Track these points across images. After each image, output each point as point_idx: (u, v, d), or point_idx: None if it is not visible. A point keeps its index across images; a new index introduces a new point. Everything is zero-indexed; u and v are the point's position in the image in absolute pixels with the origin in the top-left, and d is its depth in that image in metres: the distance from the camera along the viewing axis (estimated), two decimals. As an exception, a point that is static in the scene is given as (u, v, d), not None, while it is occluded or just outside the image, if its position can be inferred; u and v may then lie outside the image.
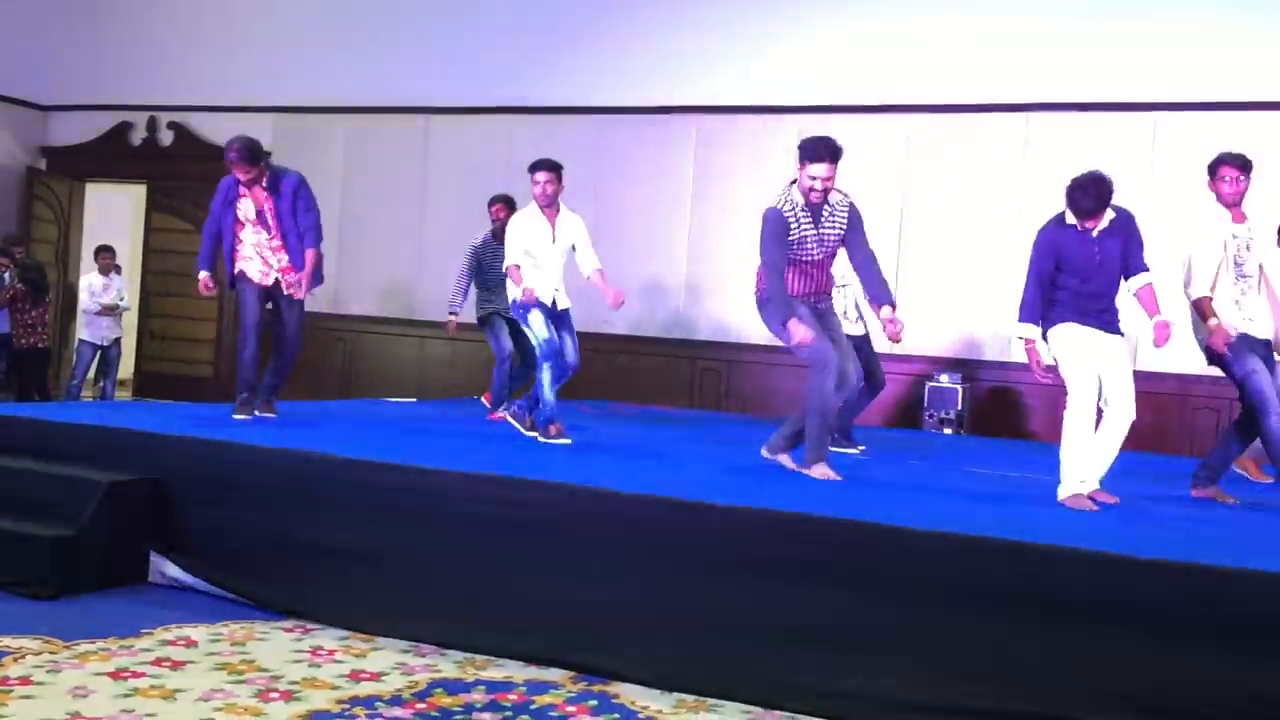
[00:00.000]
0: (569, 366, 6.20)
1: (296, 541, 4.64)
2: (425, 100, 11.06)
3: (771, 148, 9.62)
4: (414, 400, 9.13)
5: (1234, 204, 5.28)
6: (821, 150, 5.02)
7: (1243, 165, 5.25)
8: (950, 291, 9.15)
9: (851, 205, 5.26)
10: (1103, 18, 8.92)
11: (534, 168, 6.27)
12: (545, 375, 6.05)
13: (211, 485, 4.88)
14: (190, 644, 4.07)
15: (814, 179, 5.01)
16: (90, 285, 10.41)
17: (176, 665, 3.81)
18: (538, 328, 6.06)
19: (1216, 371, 5.41)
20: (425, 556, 4.44)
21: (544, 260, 6.19)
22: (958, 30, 9.33)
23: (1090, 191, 4.77)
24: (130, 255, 12.89)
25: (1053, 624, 3.56)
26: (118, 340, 10.61)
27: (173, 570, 4.89)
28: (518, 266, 6.09)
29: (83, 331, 10.41)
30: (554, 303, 6.22)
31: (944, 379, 9.07)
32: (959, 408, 8.94)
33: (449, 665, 4.03)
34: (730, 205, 9.81)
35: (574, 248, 6.30)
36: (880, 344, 7.31)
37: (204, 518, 4.86)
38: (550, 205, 6.24)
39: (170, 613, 4.45)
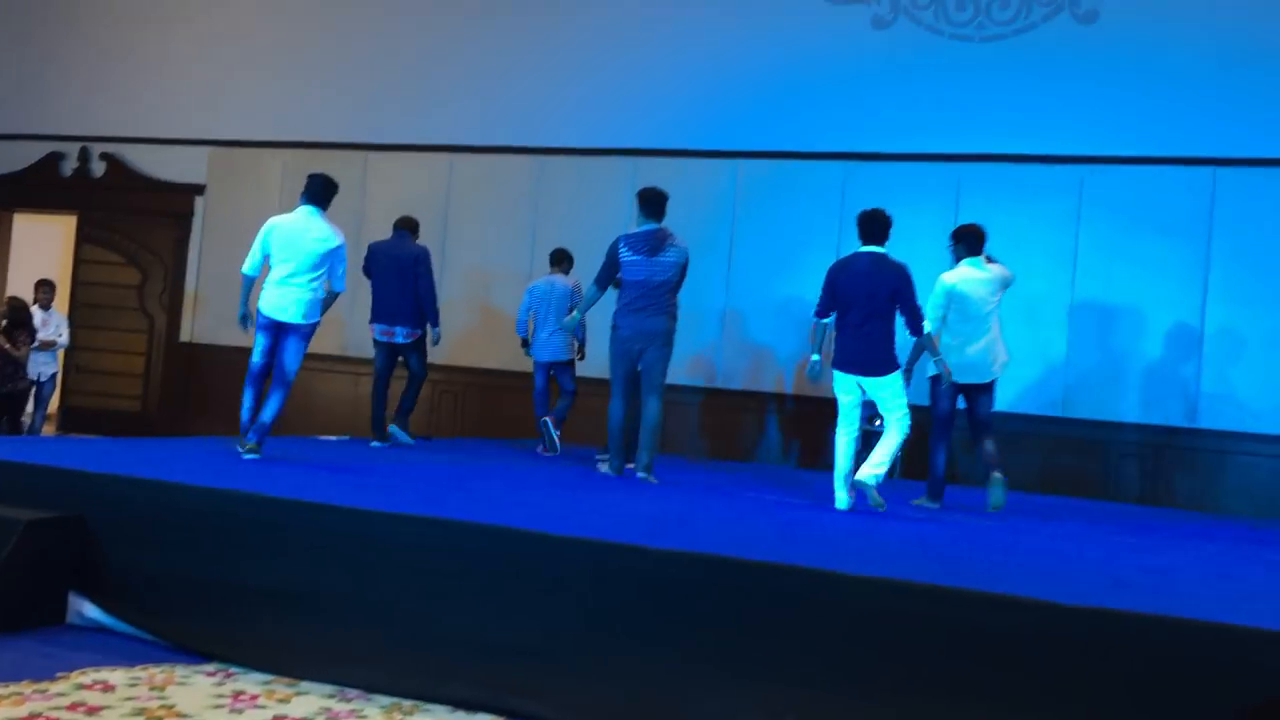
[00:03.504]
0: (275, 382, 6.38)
1: (220, 582, 4.54)
2: (365, 137, 11.04)
3: (713, 189, 9.74)
4: (346, 438, 9.02)
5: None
6: None
7: None
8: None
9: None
10: (1039, 77, 9.19)
11: None
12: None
13: (134, 524, 4.77)
14: (107, 688, 3.96)
15: None
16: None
17: (92, 710, 3.71)
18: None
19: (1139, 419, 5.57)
20: (352, 598, 4.37)
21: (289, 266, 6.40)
22: (902, 85, 9.53)
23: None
24: (59, 287, 12.65)
25: (987, 667, 3.59)
26: (54, 376, 10.36)
27: (92, 611, 4.76)
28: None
29: None
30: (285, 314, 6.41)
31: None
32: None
33: (375, 711, 3.96)
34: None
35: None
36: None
37: (126, 557, 4.74)
38: (306, 207, 6.47)
39: (88, 655, 4.33)
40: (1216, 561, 5.37)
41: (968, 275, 6.70)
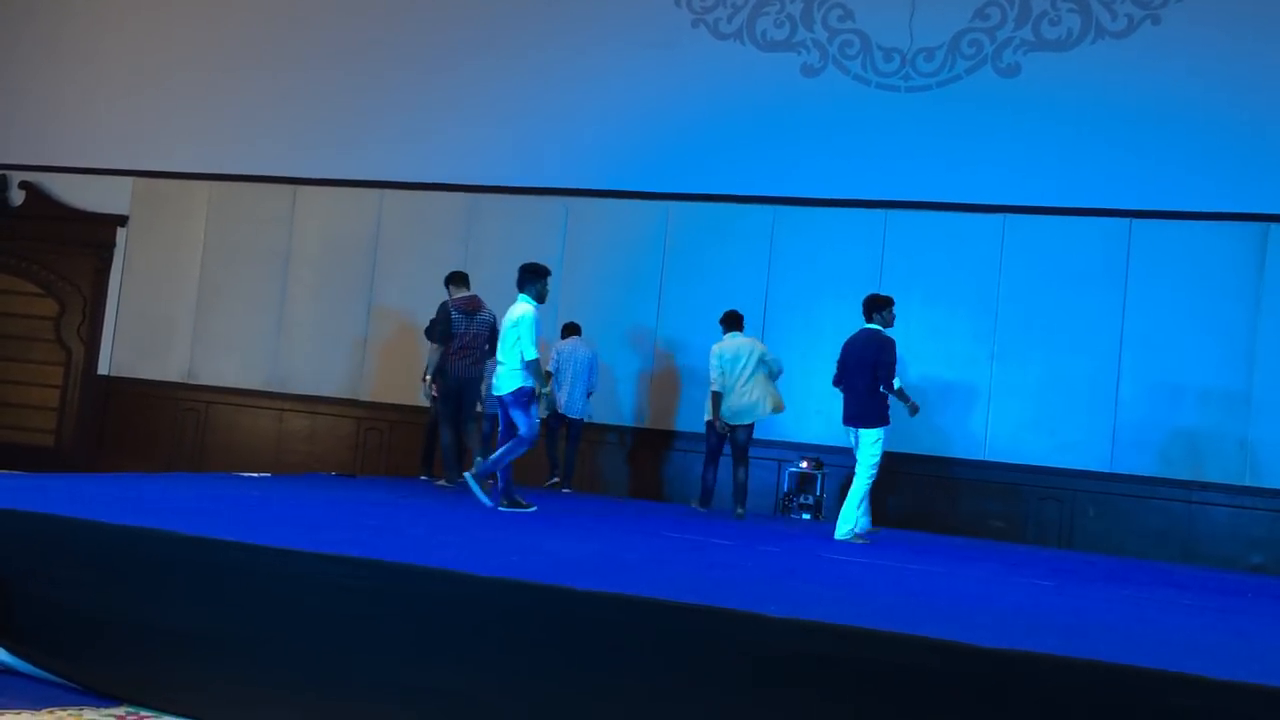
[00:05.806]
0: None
1: (131, 622, 4.42)
2: (293, 170, 10.94)
3: (644, 230, 9.79)
4: (268, 475, 8.87)
5: None
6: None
7: None
8: (812, 379, 9.35)
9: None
10: (962, 127, 9.40)
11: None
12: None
13: (42, 562, 4.62)
14: (10, 732, 3.83)
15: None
16: None
17: (-7, 755, 3.58)
18: None
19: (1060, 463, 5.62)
20: (267, 639, 4.27)
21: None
22: (830, 132, 9.70)
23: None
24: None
25: (907, 708, 3.60)
26: None
27: (-4, 652, 4.61)
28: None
29: None
30: None
31: (804, 464, 9.24)
32: (819, 493, 9.11)
33: (290, 754, 3.87)
34: (597, 283, 9.92)
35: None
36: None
37: (32, 596, 4.59)
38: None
39: (-9, 698, 4.19)
40: (1131, 605, 5.47)
41: (729, 344, 8.35)
